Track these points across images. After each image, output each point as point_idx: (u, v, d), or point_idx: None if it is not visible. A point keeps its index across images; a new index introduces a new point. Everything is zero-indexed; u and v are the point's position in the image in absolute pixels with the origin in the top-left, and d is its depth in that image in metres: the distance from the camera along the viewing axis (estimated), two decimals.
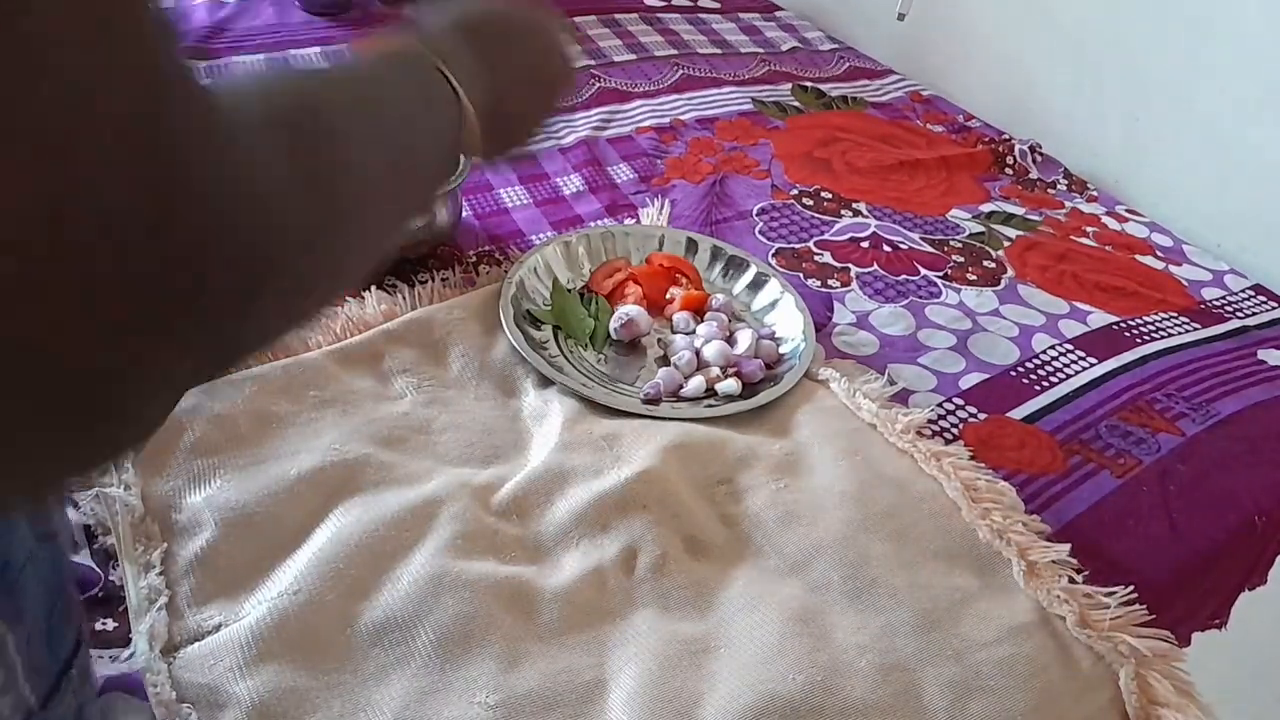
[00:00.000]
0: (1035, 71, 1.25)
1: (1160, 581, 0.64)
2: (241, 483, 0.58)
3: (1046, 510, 0.67)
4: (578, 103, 1.11)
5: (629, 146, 1.05)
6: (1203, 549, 0.67)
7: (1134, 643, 0.58)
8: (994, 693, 0.55)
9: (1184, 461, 0.73)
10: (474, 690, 0.50)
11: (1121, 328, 0.88)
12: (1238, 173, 1.06)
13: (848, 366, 0.77)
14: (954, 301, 0.88)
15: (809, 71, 1.29)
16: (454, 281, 0.79)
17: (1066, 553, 0.62)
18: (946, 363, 0.80)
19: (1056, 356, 0.83)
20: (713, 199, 0.98)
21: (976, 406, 0.76)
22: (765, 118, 1.15)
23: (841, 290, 0.87)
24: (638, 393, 0.71)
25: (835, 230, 0.96)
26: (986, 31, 1.30)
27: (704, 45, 1.30)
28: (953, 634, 0.58)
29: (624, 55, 1.23)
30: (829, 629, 0.57)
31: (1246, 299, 0.97)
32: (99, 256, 0.21)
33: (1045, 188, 1.11)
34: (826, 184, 1.03)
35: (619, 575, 0.58)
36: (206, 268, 0.24)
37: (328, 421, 0.64)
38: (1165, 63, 1.11)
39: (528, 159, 0.87)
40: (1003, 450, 0.72)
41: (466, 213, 0.89)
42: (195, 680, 0.49)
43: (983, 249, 0.97)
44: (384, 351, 0.70)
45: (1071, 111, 1.22)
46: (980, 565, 0.62)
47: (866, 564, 0.61)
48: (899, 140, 1.15)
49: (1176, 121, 1.11)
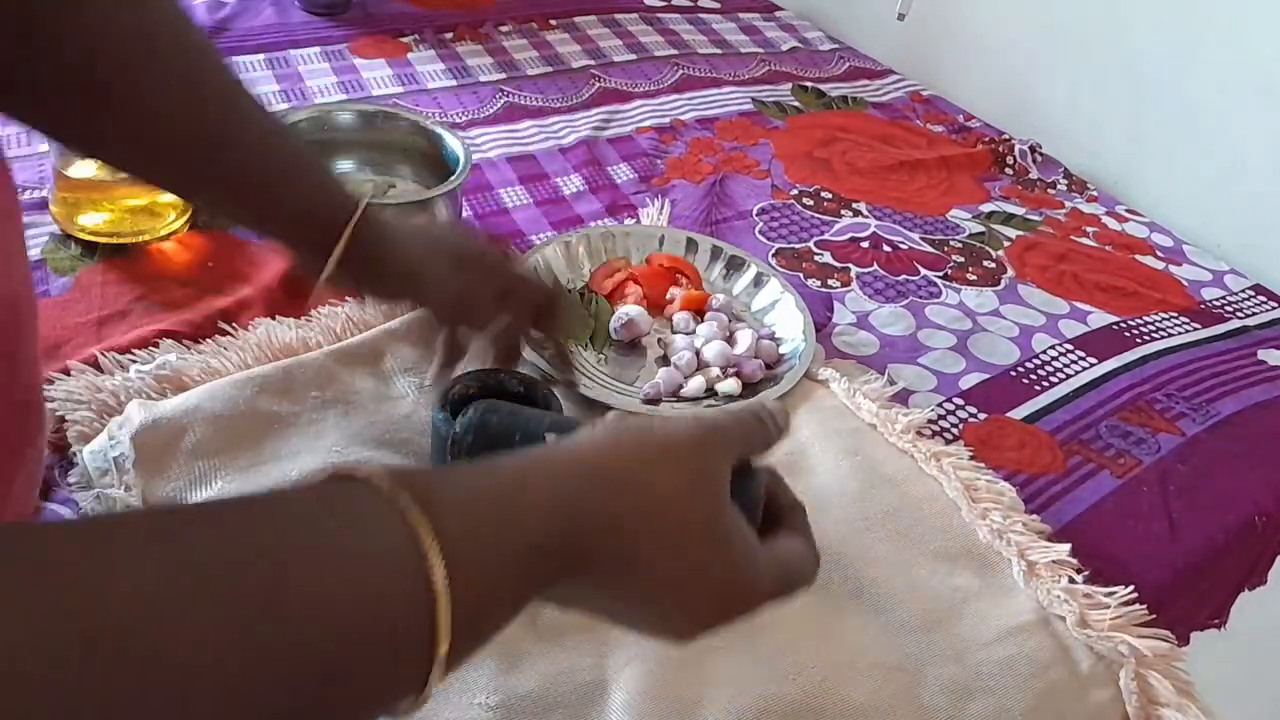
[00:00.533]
0: (1035, 71, 1.25)
1: (1160, 581, 0.64)
2: (243, 484, 0.58)
3: (1046, 510, 0.67)
4: (577, 103, 1.11)
5: (629, 146, 1.05)
6: (1202, 549, 0.67)
7: (1134, 642, 0.58)
8: (994, 693, 0.55)
9: (1184, 461, 0.73)
10: (474, 691, 0.50)
11: (1121, 328, 0.88)
12: (1238, 173, 1.06)
13: (848, 366, 0.77)
14: (954, 301, 0.88)
15: (809, 71, 1.29)
16: None
17: (1066, 553, 0.62)
18: (946, 363, 0.80)
19: (1056, 356, 0.83)
20: (713, 199, 0.98)
21: (976, 406, 0.76)
22: (765, 118, 1.15)
23: (841, 290, 0.87)
24: (638, 393, 0.71)
25: (835, 230, 0.96)
26: (986, 31, 1.31)
27: (704, 45, 1.30)
28: (953, 634, 0.58)
29: (624, 55, 1.23)
30: (829, 629, 0.57)
31: (1246, 299, 0.97)
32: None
33: (1045, 188, 1.11)
34: (826, 184, 1.03)
35: None
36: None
37: (329, 422, 0.64)
38: (1165, 63, 1.11)
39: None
40: (1003, 450, 0.72)
41: (467, 212, 0.89)
42: None
43: (983, 249, 0.97)
44: (385, 351, 0.70)
45: (1071, 111, 1.22)
46: (980, 565, 0.62)
47: (867, 564, 0.61)
48: (899, 140, 1.15)
49: (1176, 121, 1.11)
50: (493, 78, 1.14)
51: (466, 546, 0.29)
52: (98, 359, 0.66)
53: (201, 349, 0.68)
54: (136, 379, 0.64)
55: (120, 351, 0.67)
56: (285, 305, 0.75)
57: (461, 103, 1.07)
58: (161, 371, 0.65)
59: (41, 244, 0.77)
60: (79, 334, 0.69)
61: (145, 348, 0.68)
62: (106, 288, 0.74)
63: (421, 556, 0.27)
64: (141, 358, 0.67)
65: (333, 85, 1.07)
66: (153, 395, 0.63)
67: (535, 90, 1.12)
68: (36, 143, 0.89)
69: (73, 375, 0.64)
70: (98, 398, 0.62)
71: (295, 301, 0.75)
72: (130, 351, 0.67)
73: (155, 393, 0.64)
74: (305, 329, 0.71)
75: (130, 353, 0.67)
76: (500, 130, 1.04)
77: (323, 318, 0.72)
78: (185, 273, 0.77)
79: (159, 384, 0.64)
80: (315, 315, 0.73)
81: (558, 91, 1.13)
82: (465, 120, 1.04)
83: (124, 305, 0.73)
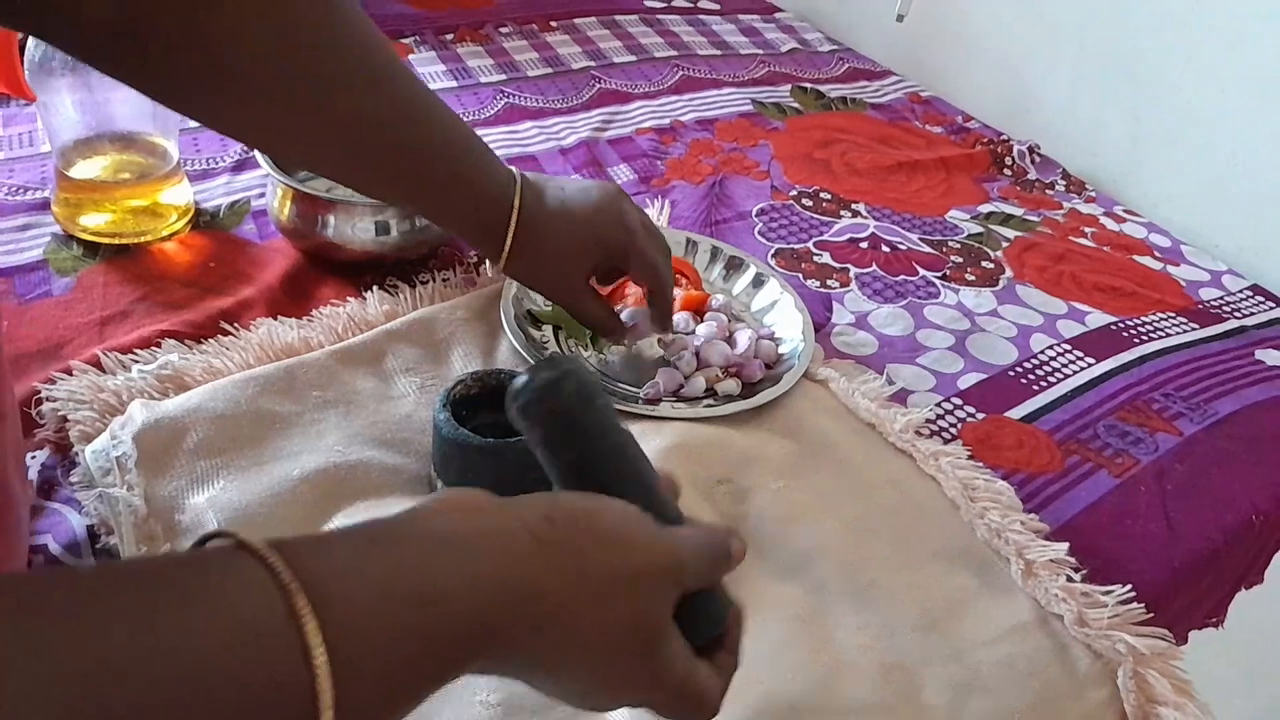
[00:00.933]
0: (1034, 72, 1.26)
1: (1158, 580, 0.64)
2: (244, 484, 0.59)
3: (1044, 509, 0.68)
4: (577, 104, 1.12)
5: (629, 147, 1.05)
6: (1200, 548, 0.68)
7: (1132, 641, 0.58)
8: (993, 692, 0.55)
9: (1182, 461, 0.74)
10: (475, 689, 0.51)
11: (1119, 328, 0.88)
12: (1237, 173, 1.07)
13: (847, 366, 0.77)
14: (952, 302, 0.88)
15: (808, 73, 1.29)
16: (455, 282, 0.79)
17: (1064, 552, 0.62)
18: (945, 363, 0.81)
19: (1055, 356, 0.83)
20: (712, 200, 0.98)
21: (975, 406, 0.76)
22: (765, 119, 1.15)
23: (841, 290, 0.87)
24: (638, 393, 0.72)
25: (834, 231, 0.96)
26: (986, 32, 1.31)
27: (704, 46, 1.31)
28: (952, 633, 0.58)
29: (624, 56, 1.24)
30: (829, 629, 0.57)
31: (1244, 299, 0.97)
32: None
33: (1043, 188, 1.11)
34: (826, 185, 1.04)
35: None
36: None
37: (330, 422, 0.64)
38: (1165, 63, 1.11)
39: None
40: (1001, 450, 0.72)
41: None
42: None
43: (981, 249, 0.97)
44: (386, 351, 0.70)
45: (1070, 112, 1.22)
46: (979, 565, 0.63)
47: (866, 564, 0.61)
48: (898, 141, 1.15)
49: (1175, 122, 1.12)
50: (493, 79, 1.14)
51: (348, 614, 0.27)
52: (100, 359, 0.66)
53: (203, 349, 0.68)
54: (139, 379, 0.64)
55: (122, 351, 0.67)
56: (287, 305, 0.75)
57: (462, 104, 1.08)
58: (163, 371, 0.65)
59: (43, 244, 0.77)
60: (81, 334, 0.70)
61: (147, 348, 0.68)
62: (108, 288, 0.74)
63: (298, 624, 0.26)
64: (143, 358, 0.67)
65: None
66: (155, 395, 0.64)
67: (535, 91, 1.13)
68: (38, 143, 0.89)
69: (75, 375, 0.65)
70: (100, 398, 0.63)
71: (296, 302, 0.76)
72: (132, 351, 0.67)
73: (157, 393, 0.64)
74: (307, 329, 0.71)
75: (132, 353, 0.67)
76: (501, 131, 1.04)
77: (324, 317, 0.73)
78: (187, 273, 0.77)
79: (161, 384, 0.65)
80: (316, 315, 0.73)
81: (558, 93, 1.13)
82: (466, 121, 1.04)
83: (126, 305, 0.73)
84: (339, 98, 0.55)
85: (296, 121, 0.55)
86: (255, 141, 0.67)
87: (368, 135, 0.57)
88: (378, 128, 0.57)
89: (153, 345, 0.69)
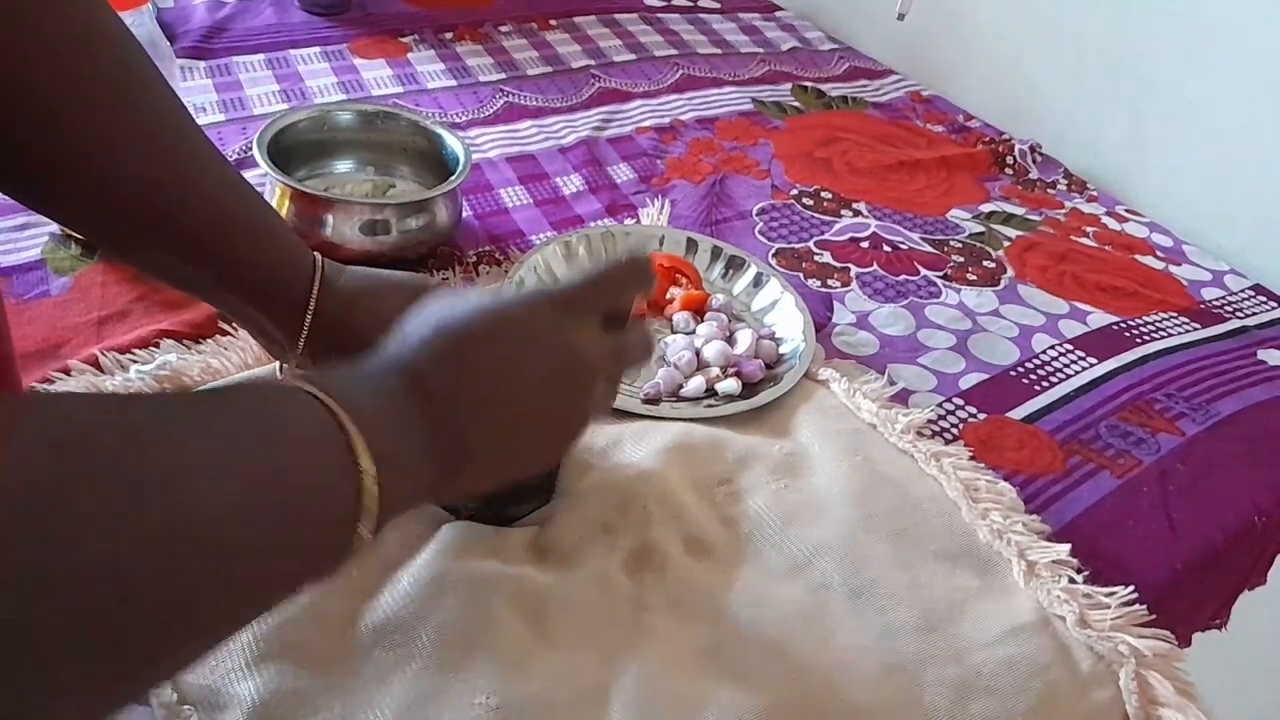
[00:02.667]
0: (1035, 71, 1.25)
1: (1160, 581, 0.64)
2: None
3: (1046, 510, 0.67)
4: (577, 103, 1.11)
5: (629, 146, 1.05)
6: (1203, 549, 0.67)
7: (1134, 643, 0.58)
8: (994, 693, 0.55)
9: (1184, 461, 0.73)
10: (475, 692, 0.50)
11: (1121, 328, 0.88)
12: (1238, 173, 1.06)
13: (848, 366, 0.77)
14: (954, 302, 0.88)
15: (809, 71, 1.29)
16: (454, 281, 0.79)
17: (1066, 553, 0.62)
18: (946, 363, 0.80)
19: (1056, 357, 0.83)
20: (713, 199, 0.98)
21: (976, 406, 0.76)
22: (765, 118, 1.15)
23: (841, 290, 0.87)
24: (637, 393, 0.71)
25: (835, 230, 0.96)
26: (986, 31, 1.30)
27: (704, 45, 1.30)
28: (953, 634, 0.58)
29: (624, 55, 1.23)
30: (830, 630, 0.57)
31: (1246, 299, 0.97)
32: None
33: (1045, 188, 1.11)
34: (826, 184, 1.03)
35: (620, 576, 0.58)
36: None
37: None
38: (1165, 63, 1.11)
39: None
40: (1002, 450, 0.72)
41: (467, 212, 0.89)
42: (197, 681, 0.49)
43: (983, 249, 0.97)
44: None
45: (1071, 111, 1.22)
46: (980, 565, 0.62)
47: (867, 564, 0.61)
48: (899, 140, 1.15)
49: (1176, 121, 1.11)
50: (492, 78, 1.14)
51: (375, 424, 0.37)
52: (98, 359, 0.66)
53: (201, 349, 0.68)
54: (137, 379, 0.64)
55: (120, 351, 0.67)
56: None
57: (461, 103, 1.07)
58: (162, 371, 0.65)
59: (41, 244, 0.77)
60: (79, 334, 0.70)
61: (145, 348, 0.68)
62: (106, 288, 0.74)
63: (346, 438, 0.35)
64: (142, 358, 0.67)
65: (333, 85, 1.07)
66: None
67: (535, 90, 1.12)
68: None
69: (73, 375, 0.65)
70: None
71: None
72: (130, 351, 0.67)
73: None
74: None
75: (130, 353, 0.67)
76: (500, 130, 1.04)
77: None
78: None
79: (159, 384, 0.64)
80: None
81: (558, 91, 1.13)
82: (465, 120, 1.04)
83: (124, 305, 0.73)
84: (127, 159, 0.49)
85: (79, 183, 0.48)
86: (29, 201, 0.54)
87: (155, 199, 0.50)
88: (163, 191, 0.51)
89: (151, 345, 0.68)
